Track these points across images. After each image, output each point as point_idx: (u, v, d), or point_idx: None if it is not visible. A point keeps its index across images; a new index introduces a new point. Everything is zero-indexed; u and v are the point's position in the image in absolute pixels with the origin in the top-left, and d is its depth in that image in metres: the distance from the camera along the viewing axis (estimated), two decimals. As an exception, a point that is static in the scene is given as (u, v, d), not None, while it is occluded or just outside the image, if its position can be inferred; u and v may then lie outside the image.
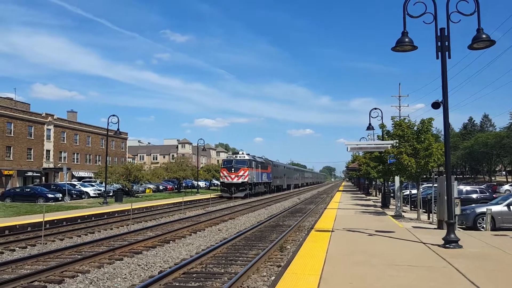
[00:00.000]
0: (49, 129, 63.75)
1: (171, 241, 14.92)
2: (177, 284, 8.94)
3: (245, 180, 44.27)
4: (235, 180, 44.08)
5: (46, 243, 14.37)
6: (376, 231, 14.11)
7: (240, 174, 44.31)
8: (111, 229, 18.45)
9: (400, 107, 46.63)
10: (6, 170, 54.84)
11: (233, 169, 44.48)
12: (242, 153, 48.67)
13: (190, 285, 8.86)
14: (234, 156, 48.03)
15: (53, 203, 34.32)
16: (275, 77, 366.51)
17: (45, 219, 15.66)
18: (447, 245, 10.55)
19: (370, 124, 26.99)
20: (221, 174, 45.67)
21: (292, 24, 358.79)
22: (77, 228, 18.10)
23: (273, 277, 9.20)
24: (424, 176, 29.20)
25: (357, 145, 24.92)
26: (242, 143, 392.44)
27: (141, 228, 18.20)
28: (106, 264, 11.10)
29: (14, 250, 13.12)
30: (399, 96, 46.72)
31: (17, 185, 52.35)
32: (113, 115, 20.78)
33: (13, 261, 11.06)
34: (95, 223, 20.28)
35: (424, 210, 21.59)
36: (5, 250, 13.00)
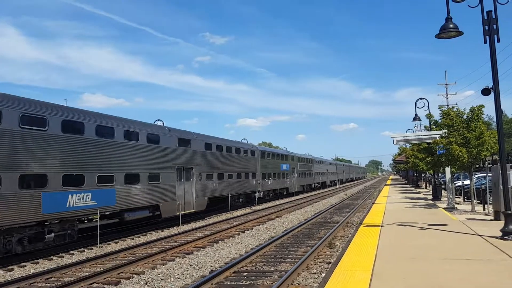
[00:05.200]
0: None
1: (220, 241, 15.15)
2: (228, 283, 9.08)
3: None
4: None
5: (102, 246, 14.98)
6: (428, 224, 13.68)
7: None
8: (162, 230, 18.96)
9: (447, 95, 44.87)
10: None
11: None
12: None
13: (242, 283, 8.97)
14: None
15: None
16: (317, 72, 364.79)
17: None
18: (506, 237, 10.08)
19: (416, 114, 26.29)
20: None
21: (333, 18, 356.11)
22: (129, 228, 18.71)
23: (324, 274, 9.14)
24: (477, 166, 27.97)
25: (403, 137, 24.22)
26: (284, 141, 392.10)
27: (190, 229, 18.59)
28: (159, 265, 11.44)
29: (73, 254, 13.77)
30: (446, 84, 44.99)
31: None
32: (158, 120, 21.11)
33: (73, 264, 11.61)
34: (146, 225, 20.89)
35: (478, 201, 20.69)
36: (65, 254, 13.67)
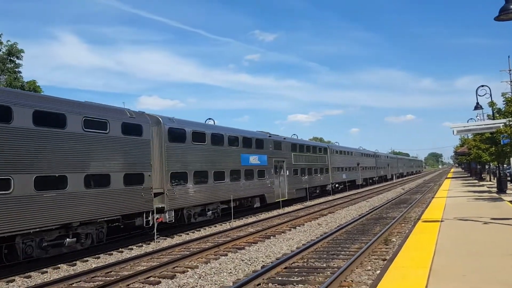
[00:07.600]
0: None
1: (271, 237, 15.13)
2: (279, 278, 9.03)
3: None
4: None
5: (159, 241, 15.46)
6: (492, 218, 12.88)
7: None
8: (215, 226, 19.27)
9: (511, 81, 42.04)
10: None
11: None
12: None
13: (293, 279, 8.89)
14: None
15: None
16: (370, 63, 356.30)
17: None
18: None
19: (477, 103, 24.94)
20: None
21: (387, 5, 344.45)
22: (184, 225, 19.16)
23: (378, 271, 8.87)
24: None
25: (464, 127, 22.99)
26: (337, 135, 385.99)
27: (242, 224, 18.75)
28: (212, 259, 11.62)
29: (132, 249, 14.31)
30: (509, 70, 42.06)
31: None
32: (209, 118, 21.50)
33: (131, 258, 12.06)
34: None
35: (549, 194, 19.22)
36: (124, 249, 14.24)
